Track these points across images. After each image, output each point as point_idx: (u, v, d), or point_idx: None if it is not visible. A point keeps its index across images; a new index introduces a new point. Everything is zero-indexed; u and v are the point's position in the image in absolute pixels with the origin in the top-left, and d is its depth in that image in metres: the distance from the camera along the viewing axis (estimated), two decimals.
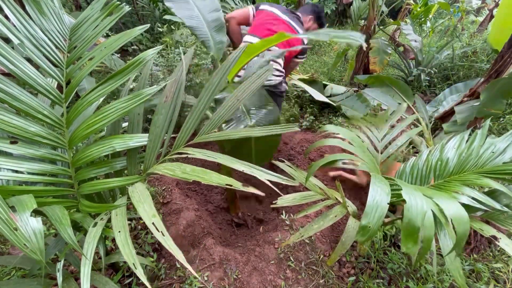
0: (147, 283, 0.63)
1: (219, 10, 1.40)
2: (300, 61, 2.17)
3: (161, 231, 0.68)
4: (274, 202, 1.36)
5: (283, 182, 0.87)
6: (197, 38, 1.30)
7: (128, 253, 0.68)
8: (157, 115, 1.01)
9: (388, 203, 0.81)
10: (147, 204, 0.75)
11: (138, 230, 1.74)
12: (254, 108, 1.16)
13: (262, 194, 0.79)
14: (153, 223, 0.69)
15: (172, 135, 1.05)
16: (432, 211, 0.83)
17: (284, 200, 1.38)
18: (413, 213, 0.79)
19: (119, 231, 0.72)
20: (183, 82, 1.03)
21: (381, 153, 1.49)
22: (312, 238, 1.72)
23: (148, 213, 0.72)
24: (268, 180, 0.81)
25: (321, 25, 2.15)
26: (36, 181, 0.94)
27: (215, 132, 1.03)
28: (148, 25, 1.06)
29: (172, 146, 1.06)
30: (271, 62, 1.45)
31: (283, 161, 1.64)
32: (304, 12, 2.10)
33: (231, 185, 0.75)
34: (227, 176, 0.80)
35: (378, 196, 0.83)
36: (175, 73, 1.05)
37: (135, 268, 0.64)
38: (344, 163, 1.18)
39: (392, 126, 1.59)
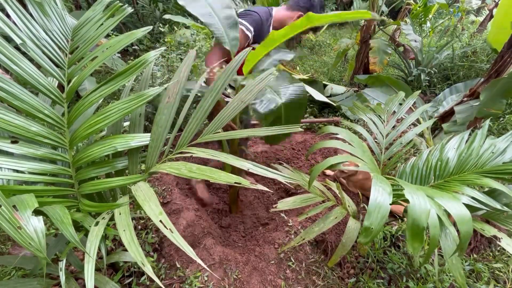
0: (157, 281, 0.63)
1: (231, 7, 1.43)
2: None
3: (170, 228, 0.68)
4: (274, 206, 1.36)
5: (287, 181, 0.87)
6: (212, 34, 1.36)
7: (135, 251, 0.68)
8: (160, 115, 1.02)
9: (390, 204, 0.81)
10: (152, 202, 0.75)
11: (138, 230, 1.75)
12: (282, 87, 1.24)
13: (270, 190, 0.82)
14: (160, 221, 0.69)
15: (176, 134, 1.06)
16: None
17: (285, 204, 1.38)
18: (417, 212, 0.79)
19: (124, 230, 0.72)
20: (185, 83, 1.03)
21: (386, 149, 1.47)
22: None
23: (155, 211, 0.72)
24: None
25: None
26: (36, 181, 0.94)
27: (219, 132, 1.04)
28: (151, 27, 1.06)
29: (174, 146, 1.06)
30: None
31: (281, 164, 1.64)
32: (291, 7, 1.67)
33: (239, 183, 0.76)
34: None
35: (380, 196, 0.82)
36: (177, 74, 1.05)
37: (144, 265, 0.64)
38: (345, 165, 1.18)
39: (393, 127, 1.58)
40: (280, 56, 1.54)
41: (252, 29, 1.50)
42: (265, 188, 0.76)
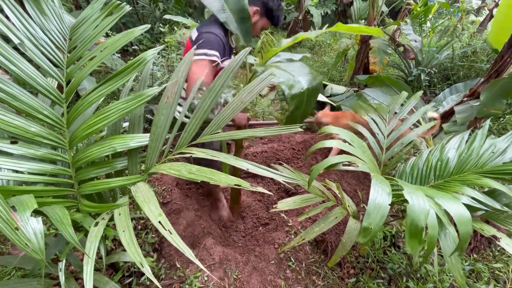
0: (156, 282, 0.63)
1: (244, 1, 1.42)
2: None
3: (168, 230, 0.68)
4: (274, 206, 1.36)
5: (288, 181, 0.87)
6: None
7: (134, 252, 0.68)
8: (159, 116, 1.01)
9: (389, 204, 0.81)
10: (152, 203, 0.75)
11: (138, 230, 1.75)
12: (303, 75, 1.35)
13: (270, 193, 0.81)
14: (159, 222, 0.69)
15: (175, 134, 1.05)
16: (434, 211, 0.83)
17: (285, 204, 1.37)
18: (416, 213, 0.79)
19: (124, 231, 0.72)
20: (183, 83, 1.03)
21: (387, 149, 1.46)
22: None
23: (154, 213, 0.72)
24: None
25: (272, 21, 1.60)
26: (36, 181, 0.94)
27: (219, 132, 1.03)
28: (149, 25, 1.06)
29: (174, 146, 1.06)
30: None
31: (281, 164, 1.64)
32: (251, 3, 1.50)
33: (239, 185, 0.75)
34: (228, 173, 0.80)
35: (379, 196, 0.82)
36: (175, 74, 1.05)
37: (142, 266, 0.64)
38: (344, 165, 1.18)
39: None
40: (288, 56, 1.58)
41: (217, 53, 1.40)
42: (266, 191, 0.76)
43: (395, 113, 1.60)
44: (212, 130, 1.05)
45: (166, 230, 0.67)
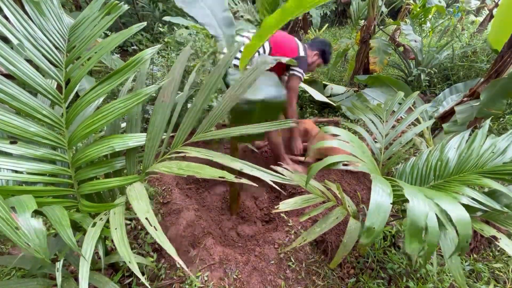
0: (143, 279, 0.63)
1: (228, 10, 1.51)
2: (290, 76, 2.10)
3: (154, 226, 0.69)
4: (276, 207, 1.36)
5: (284, 182, 0.88)
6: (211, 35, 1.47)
7: (124, 250, 0.68)
8: (155, 115, 1.01)
9: (391, 203, 0.81)
10: (142, 200, 0.77)
11: (138, 230, 1.74)
12: (264, 85, 1.21)
13: (256, 185, 0.82)
14: (146, 218, 0.71)
15: (171, 134, 1.05)
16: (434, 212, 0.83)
17: (286, 205, 1.37)
18: (416, 213, 0.79)
19: (116, 228, 0.73)
20: (179, 81, 1.03)
21: (386, 148, 1.46)
22: None
23: (143, 209, 0.74)
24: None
25: (325, 61, 2.31)
26: (35, 181, 0.94)
27: (213, 130, 1.03)
28: (145, 23, 1.06)
29: (170, 145, 1.06)
30: None
31: (281, 166, 1.64)
32: (311, 47, 2.21)
33: (223, 177, 0.76)
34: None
35: (380, 197, 0.82)
36: (171, 72, 1.05)
37: (130, 263, 0.65)
38: (344, 165, 1.18)
39: (393, 127, 1.58)
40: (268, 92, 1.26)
41: (304, 74, 2.09)
42: (251, 183, 0.77)
43: (393, 111, 1.60)
44: (205, 128, 1.04)
45: (151, 226, 0.68)
